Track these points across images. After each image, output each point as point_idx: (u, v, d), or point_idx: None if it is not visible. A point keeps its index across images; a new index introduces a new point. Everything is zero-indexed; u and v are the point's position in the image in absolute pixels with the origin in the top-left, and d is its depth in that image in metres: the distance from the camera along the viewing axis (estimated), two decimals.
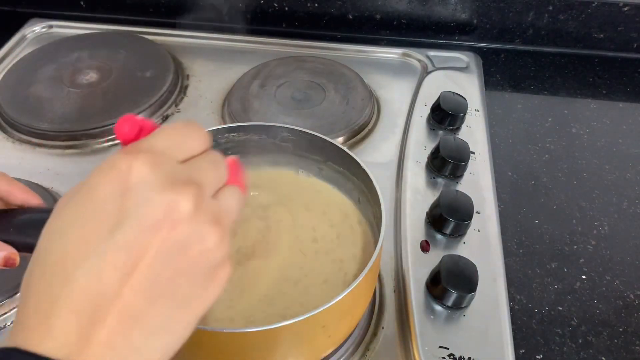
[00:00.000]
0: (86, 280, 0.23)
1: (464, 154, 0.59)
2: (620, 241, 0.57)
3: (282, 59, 0.77)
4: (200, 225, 0.25)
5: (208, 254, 0.25)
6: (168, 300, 0.24)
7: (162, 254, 0.24)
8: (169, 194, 0.24)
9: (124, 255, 0.23)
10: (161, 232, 0.23)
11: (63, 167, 0.63)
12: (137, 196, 0.23)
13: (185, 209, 0.24)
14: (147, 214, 0.23)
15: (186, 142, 0.27)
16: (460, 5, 0.82)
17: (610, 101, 0.76)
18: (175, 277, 0.24)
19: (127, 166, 0.24)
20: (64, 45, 0.80)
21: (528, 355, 0.47)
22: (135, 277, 0.23)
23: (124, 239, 0.23)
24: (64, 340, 0.22)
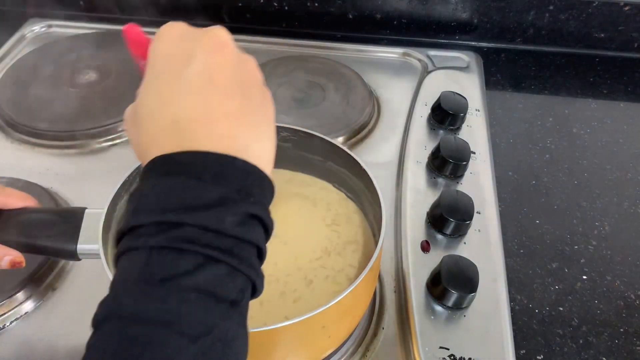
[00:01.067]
0: (185, 102, 0.28)
1: (464, 154, 0.59)
2: (621, 241, 0.57)
3: (282, 59, 0.77)
4: (240, 53, 0.30)
5: (254, 72, 0.31)
6: (249, 100, 0.29)
7: (227, 65, 0.29)
8: (208, 31, 0.30)
9: (203, 77, 0.28)
10: (218, 53, 0.29)
11: (62, 167, 0.63)
12: (189, 38, 0.29)
13: (227, 36, 0.30)
14: (204, 45, 0.29)
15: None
16: (461, 4, 0.82)
17: (611, 101, 0.75)
18: (246, 85, 0.29)
19: (170, 26, 0.30)
20: (63, 45, 0.80)
21: (529, 355, 0.47)
22: (216, 86, 0.28)
23: (197, 67, 0.28)
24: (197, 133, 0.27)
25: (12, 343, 0.47)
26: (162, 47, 0.30)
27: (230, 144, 0.27)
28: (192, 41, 0.29)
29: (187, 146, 0.27)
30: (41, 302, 0.49)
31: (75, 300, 0.50)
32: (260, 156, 0.28)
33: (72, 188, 0.60)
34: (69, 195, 0.59)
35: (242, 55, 0.31)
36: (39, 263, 0.50)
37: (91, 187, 0.60)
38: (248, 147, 0.28)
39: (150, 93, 0.30)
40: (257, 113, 0.29)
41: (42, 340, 0.47)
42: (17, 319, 0.48)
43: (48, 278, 0.51)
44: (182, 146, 0.27)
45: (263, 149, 0.29)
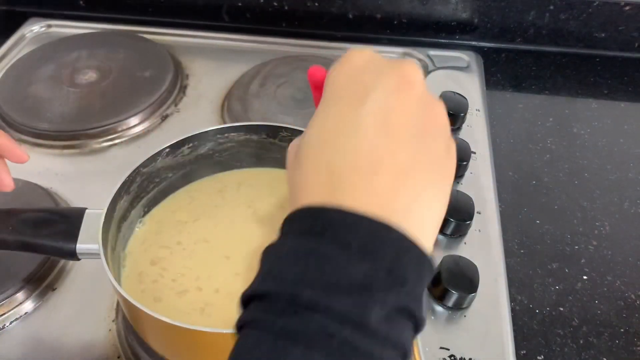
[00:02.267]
0: (349, 145, 0.25)
1: (464, 154, 0.59)
2: (622, 241, 0.57)
3: (282, 58, 0.77)
4: (427, 92, 0.27)
5: (440, 119, 0.27)
6: (425, 156, 0.25)
7: (409, 113, 0.26)
8: (397, 64, 0.27)
9: (378, 118, 0.25)
10: (401, 92, 0.26)
11: (62, 167, 0.63)
12: (373, 71, 0.27)
13: (415, 75, 0.27)
14: (387, 82, 0.26)
15: None
16: (461, 4, 0.82)
17: (612, 101, 0.75)
18: (424, 134, 0.26)
19: (356, 55, 0.28)
20: (63, 44, 0.80)
21: (529, 355, 0.47)
22: (390, 132, 0.25)
23: (373, 105, 0.25)
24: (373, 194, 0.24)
25: (11, 343, 0.47)
26: (341, 77, 0.27)
27: (388, 204, 0.23)
28: (375, 74, 0.26)
29: (338, 199, 0.23)
30: (41, 302, 0.49)
31: (75, 301, 0.50)
32: (423, 226, 0.24)
33: (72, 188, 0.60)
34: (69, 195, 0.59)
35: (430, 99, 0.27)
36: (39, 263, 0.50)
37: (91, 187, 0.60)
38: (410, 212, 0.24)
39: (315, 129, 0.27)
40: (432, 170, 0.25)
41: (41, 341, 0.47)
42: (17, 319, 0.48)
43: (48, 278, 0.51)
44: (333, 197, 0.23)
45: (428, 216, 0.25)
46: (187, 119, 0.70)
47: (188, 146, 0.49)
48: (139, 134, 0.67)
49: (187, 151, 0.49)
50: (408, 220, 0.23)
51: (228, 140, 0.50)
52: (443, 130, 0.27)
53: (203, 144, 0.50)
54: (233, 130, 0.50)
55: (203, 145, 0.50)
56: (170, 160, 0.49)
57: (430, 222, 0.25)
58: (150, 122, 0.69)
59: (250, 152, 0.52)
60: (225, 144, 0.51)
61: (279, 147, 0.51)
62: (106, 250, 0.40)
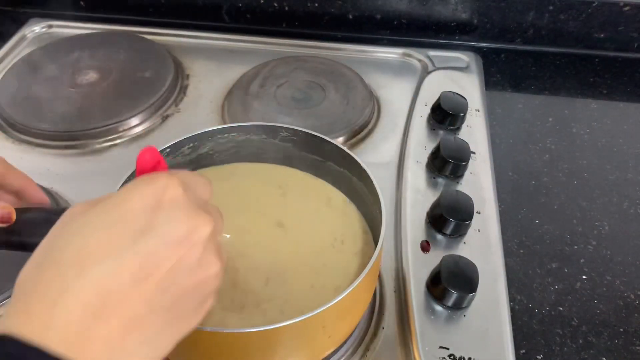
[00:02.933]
0: (101, 277, 0.24)
1: (464, 154, 0.59)
2: (621, 241, 0.57)
3: (282, 59, 0.77)
4: (209, 253, 0.27)
5: (209, 282, 0.28)
6: (167, 314, 0.26)
7: (175, 271, 0.26)
8: (194, 217, 0.27)
9: (142, 263, 0.25)
10: (179, 250, 0.26)
11: (63, 168, 0.63)
12: (167, 213, 0.26)
13: (204, 235, 0.27)
14: (173, 231, 0.26)
15: (203, 186, 0.31)
16: (461, 5, 0.82)
17: (611, 101, 0.76)
18: (178, 294, 0.26)
19: (164, 185, 0.27)
20: (64, 45, 0.80)
21: (528, 355, 0.47)
22: (145, 286, 0.25)
23: (146, 248, 0.25)
24: (65, 331, 0.22)
25: None
26: (134, 199, 0.26)
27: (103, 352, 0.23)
28: (168, 216, 0.26)
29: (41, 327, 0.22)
30: None
31: None
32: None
33: (73, 188, 0.60)
34: (70, 195, 0.59)
35: (206, 261, 0.27)
36: None
37: (91, 187, 0.60)
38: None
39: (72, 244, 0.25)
40: (167, 323, 0.26)
41: None
42: None
43: None
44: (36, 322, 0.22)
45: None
46: (188, 119, 0.70)
47: (188, 146, 0.49)
48: (140, 134, 0.68)
49: (187, 151, 0.49)
50: None
51: (228, 140, 0.50)
52: (202, 291, 0.27)
53: (203, 144, 0.50)
54: (233, 130, 0.50)
55: (203, 145, 0.50)
56: (170, 160, 0.49)
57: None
58: (151, 122, 0.69)
59: (250, 152, 0.52)
60: (225, 144, 0.51)
61: (279, 147, 0.51)
62: None
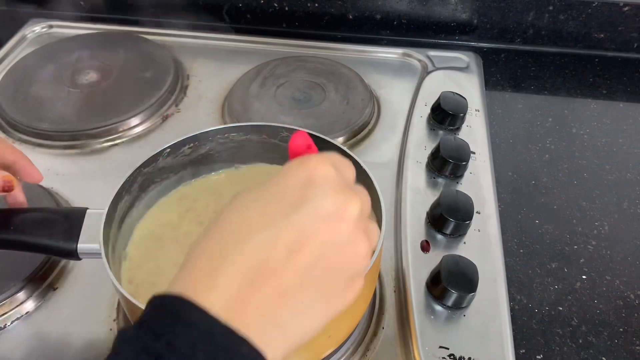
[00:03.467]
0: (257, 247, 0.25)
1: (464, 154, 0.59)
2: (621, 241, 0.57)
3: (282, 59, 0.77)
4: (358, 232, 0.28)
5: (356, 259, 0.28)
6: (317, 288, 0.27)
7: (325, 244, 0.26)
8: (343, 195, 0.28)
9: (296, 235, 0.26)
10: (329, 224, 0.27)
11: (63, 167, 0.63)
12: (317, 189, 0.27)
13: (353, 212, 0.28)
14: (323, 205, 0.27)
15: (349, 168, 0.31)
16: (461, 5, 0.82)
17: (611, 101, 0.76)
18: (327, 269, 0.27)
19: (315, 164, 0.28)
20: (64, 45, 0.80)
21: (528, 355, 0.47)
22: (298, 257, 0.26)
23: (299, 220, 0.26)
24: (224, 294, 0.24)
25: (13, 342, 0.47)
26: (293, 178, 0.28)
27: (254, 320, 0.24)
28: (319, 193, 0.27)
29: (207, 294, 0.24)
30: (42, 301, 0.50)
31: (76, 300, 0.50)
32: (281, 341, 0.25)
33: (73, 188, 0.60)
34: (70, 195, 0.59)
35: (354, 238, 0.28)
36: (40, 263, 0.51)
37: (92, 187, 0.60)
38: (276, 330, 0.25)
39: (242, 204, 0.27)
40: (318, 300, 0.27)
41: (43, 340, 0.47)
42: (18, 318, 0.48)
43: (49, 278, 0.51)
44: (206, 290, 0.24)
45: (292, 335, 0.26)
46: (188, 119, 0.70)
47: (189, 146, 0.49)
48: (140, 134, 0.68)
49: (187, 151, 0.49)
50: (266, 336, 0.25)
51: (229, 140, 0.51)
52: (351, 269, 0.28)
53: (204, 144, 0.50)
54: (233, 130, 0.50)
55: (204, 145, 0.50)
56: (171, 160, 0.49)
57: (292, 341, 0.26)
58: (151, 122, 0.69)
59: (250, 152, 0.52)
60: (225, 144, 0.51)
61: (279, 147, 0.51)
62: (107, 250, 0.40)
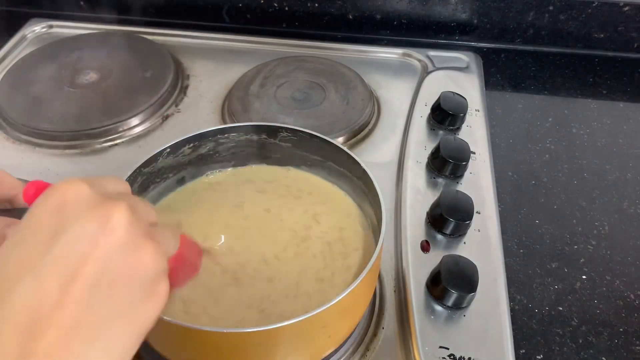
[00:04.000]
0: (26, 294, 0.23)
1: (464, 154, 0.59)
2: (621, 241, 0.57)
3: (282, 59, 0.77)
4: (134, 237, 0.26)
5: (143, 265, 0.26)
6: (108, 307, 0.25)
7: (99, 262, 0.24)
8: (103, 207, 0.25)
9: (62, 267, 0.24)
10: (97, 242, 0.25)
11: (63, 167, 0.63)
12: (72, 211, 0.25)
13: (120, 220, 0.25)
14: (83, 226, 0.25)
15: (113, 180, 0.30)
16: (461, 5, 0.82)
17: (611, 101, 0.76)
18: (113, 284, 0.25)
19: (64, 188, 0.26)
20: (64, 45, 0.80)
21: (528, 355, 0.47)
22: (74, 287, 0.24)
23: (62, 250, 0.24)
24: (6, 355, 0.22)
25: None
26: (39, 210, 0.25)
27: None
28: (74, 215, 0.25)
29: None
30: None
31: None
32: None
33: None
34: None
35: (133, 245, 0.26)
36: None
37: None
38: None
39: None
40: (114, 319, 0.25)
41: None
42: None
43: None
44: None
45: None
46: (188, 119, 0.70)
47: (189, 146, 0.49)
48: (140, 134, 0.68)
49: (188, 151, 0.49)
50: None
51: (229, 140, 0.51)
52: (142, 276, 0.26)
53: (204, 144, 0.50)
54: (233, 130, 0.50)
55: (204, 145, 0.50)
56: (171, 160, 0.49)
57: None
58: (151, 122, 0.69)
59: (250, 152, 0.52)
60: (225, 144, 0.51)
61: (279, 147, 0.51)
62: None
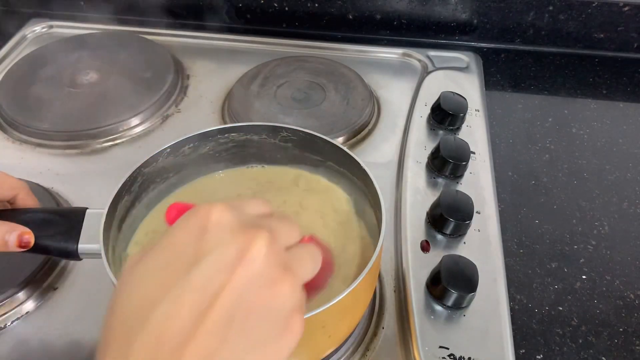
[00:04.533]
0: (161, 321, 0.23)
1: (464, 154, 0.59)
2: (621, 241, 0.57)
3: (282, 59, 0.77)
4: (272, 269, 0.25)
5: (279, 298, 0.26)
6: (241, 340, 0.24)
7: (236, 292, 0.24)
8: (243, 235, 0.25)
9: (199, 295, 0.23)
10: (235, 272, 0.24)
11: (63, 167, 0.63)
12: (213, 237, 0.25)
13: (260, 250, 0.25)
14: (222, 254, 0.24)
15: (256, 203, 0.29)
16: (461, 5, 0.82)
17: (611, 101, 0.76)
18: (248, 317, 0.24)
19: (206, 212, 0.26)
20: (64, 45, 0.80)
21: (528, 355, 0.47)
22: (209, 317, 0.23)
23: (199, 278, 0.24)
24: None
25: (12, 343, 0.47)
26: (181, 232, 0.25)
27: None
28: (214, 240, 0.25)
29: None
30: (42, 302, 0.50)
31: (76, 300, 0.50)
32: None
33: (73, 188, 0.60)
34: (70, 195, 0.59)
35: (270, 277, 0.25)
36: (40, 263, 0.51)
37: (92, 187, 0.60)
38: None
39: (136, 277, 0.25)
40: (250, 352, 0.24)
41: (42, 340, 0.47)
42: (18, 318, 0.48)
43: (49, 278, 0.51)
44: None
45: None
46: (188, 119, 0.70)
47: (189, 146, 0.49)
48: (140, 134, 0.68)
49: (188, 151, 0.49)
50: None
51: (229, 140, 0.51)
52: (278, 310, 0.25)
53: (204, 144, 0.50)
54: (234, 130, 0.50)
55: (204, 145, 0.50)
56: (171, 160, 0.49)
57: None
58: (151, 122, 0.69)
59: (250, 152, 0.52)
60: (226, 144, 0.51)
61: (279, 147, 0.51)
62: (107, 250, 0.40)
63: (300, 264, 0.28)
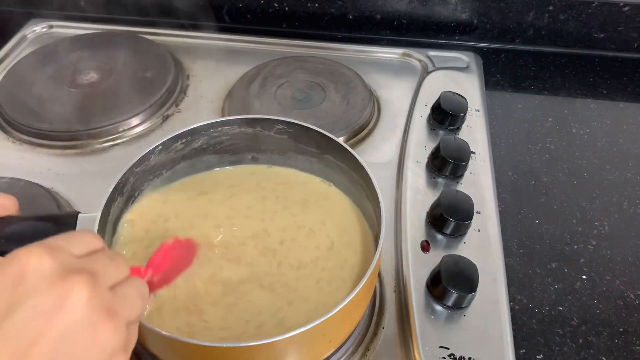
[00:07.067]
0: None
1: (464, 154, 0.59)
2: (621, 241, 0.57)
3: (282, 59, 0.77)
4: (93, 313, 0.25)
5: (100, 342, 0.25)
6: None
7: (53, 341, 0.24)
8: (63, 282, 0.24)
9: (14, 345, 0.23)
10: (52, 320, 0.24)
11: (63, 167, 0.63)
12: (30, 285, 0.24)
13: (79, 296, 0.25)
14: (39, 301, 0.24)
15: (83, 238, 0.29)
16: (461, 5, 0.82)
17: (611, 101, 0.76)
18: (70, 354, 0.24)
19: (25, 258, 0.25)
20: (64, 45, 0.80)
21: (528, 355, 0.47)
22: None
23: (15, 327, 0.23)
24: None
25: None
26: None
27: None
28: (30, 289, 0.24)
29: None
30: None
31: None
32: None
33: (73, 188, 0.60)
34: (70, 195, 0.59)
35: (90, 322, 0.25)
36: None
37: (92, 187, 0.59)
38: None
39: None
40: None
41: None
42: None
43: None
44: None
45: None
46: (188, 119, 0.70)
47: (181, 142, 0.49)
48: (140, 134, 0.68)
49: (180, 147, 0.49)
50: None
51: (222, 133, 0.50)
52: (99, 353, 0.25)
53: (196, 139, 0.49)
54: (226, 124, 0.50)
55: (196, 140, 0.50)
56: (163, 157, 0.49)
57: None
58: (152, 122, 0.69)
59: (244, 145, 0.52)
60: (219, 137, 0.50)
61: (274, 139, 0.51)
62: None
63: (123, 303, 0.28)
